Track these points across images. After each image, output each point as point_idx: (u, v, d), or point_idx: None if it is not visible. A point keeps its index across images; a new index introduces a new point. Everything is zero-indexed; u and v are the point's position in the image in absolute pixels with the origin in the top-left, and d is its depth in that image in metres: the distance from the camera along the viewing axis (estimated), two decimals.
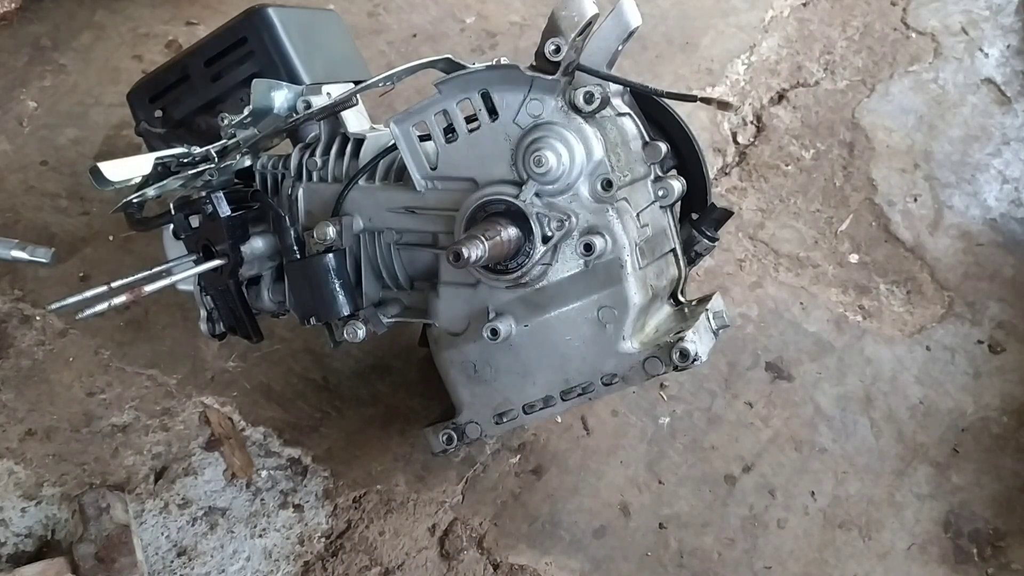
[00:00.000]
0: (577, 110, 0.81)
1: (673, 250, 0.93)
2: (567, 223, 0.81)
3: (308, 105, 0.95)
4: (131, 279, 0.90)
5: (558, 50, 0.78)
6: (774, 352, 1.19)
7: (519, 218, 0.82)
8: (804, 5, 1.50)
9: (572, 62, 0.80)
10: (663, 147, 0.87)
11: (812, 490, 1.10)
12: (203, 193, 0.94)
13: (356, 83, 0.97)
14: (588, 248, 0.80)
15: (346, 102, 0.94)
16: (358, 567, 1.06)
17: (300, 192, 0.95)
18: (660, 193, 0.90)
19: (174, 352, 1.23)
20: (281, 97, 0.94)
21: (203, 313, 1.02)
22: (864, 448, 1.12)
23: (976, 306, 1.21)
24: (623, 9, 0.81)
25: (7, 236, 1.28)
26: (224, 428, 1.17)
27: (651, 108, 0.92)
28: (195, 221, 0.97)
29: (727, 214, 0.96)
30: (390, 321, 0.95)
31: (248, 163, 1.00)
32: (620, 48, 0.83)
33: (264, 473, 1.15)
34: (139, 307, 1.25)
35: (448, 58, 0.97)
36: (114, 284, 0.87)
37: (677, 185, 0.91)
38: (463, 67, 0.89)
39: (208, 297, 0.99)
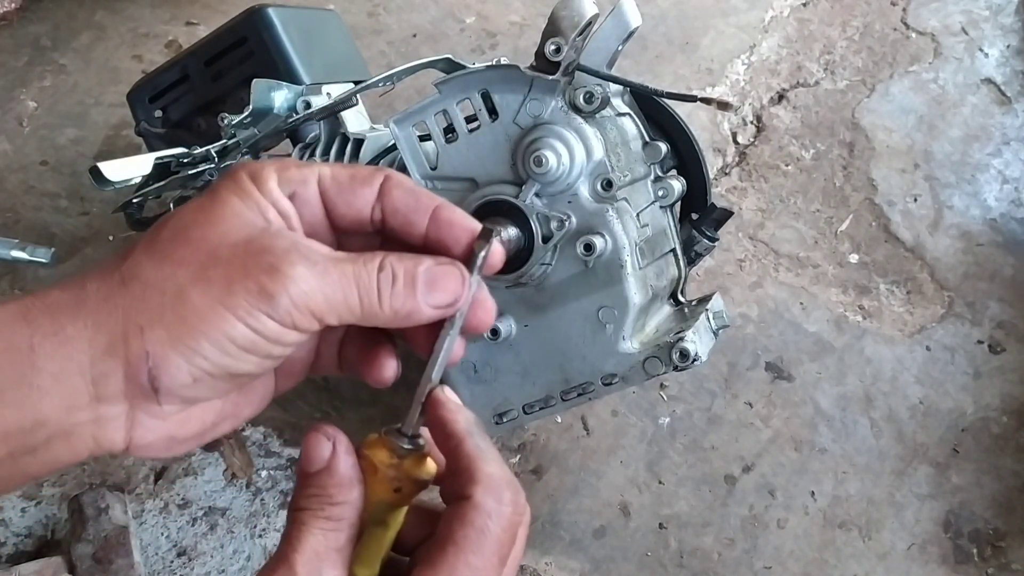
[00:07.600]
0: (577, 110, 0.81)
1: (673, 250, 0.92)
2: (567, 223, 0.81)
3: (308, 105, 0.95)
4: None
5: (558, 50, 0.77)
6: (774, 352, 1.19)
7: (519, 218, 0.82)
8: (804, 5, 1.50)
9: (572, 62, 0.80)
10: (663, 147, 0.87)
11: (812, 490, 1.10)
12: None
13: (356, 83, 0.97)
14: (588, 248, 0.80)
15: (346, 102, 0.94)
16: None
17: None
18: (660, 193, 0.90)
19: None
20: (281, 97, 0.94)
21: None
22: (864, 448, 1.12)
23: (976, 306, 1.21)
24: (623, 9, 0.81)
25: (7, 236, 1.28)
26: None
27: (651, 108, 0.92)
28: None
29: (727, 214, 0.96)
30: None
31: None
32: (620, 48, 0.83)
33: (264, 473, 1.15)
34: None
35: (448, 58, 0.97)
36: None
37: (677, 185, 0.91)
38: (463, 67, 0.89)
39: None
